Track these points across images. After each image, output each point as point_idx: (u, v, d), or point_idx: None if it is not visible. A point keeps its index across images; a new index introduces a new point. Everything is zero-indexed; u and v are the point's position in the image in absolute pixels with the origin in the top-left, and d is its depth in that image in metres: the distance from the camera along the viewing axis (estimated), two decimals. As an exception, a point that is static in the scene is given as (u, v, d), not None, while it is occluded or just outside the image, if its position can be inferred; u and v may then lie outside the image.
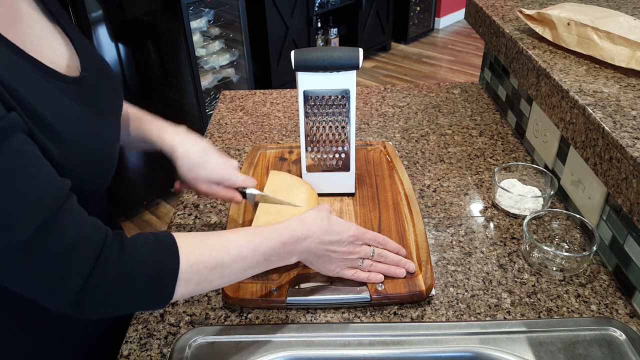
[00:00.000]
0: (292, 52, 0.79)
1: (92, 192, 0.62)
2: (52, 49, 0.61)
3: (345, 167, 0.90)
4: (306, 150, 0.88)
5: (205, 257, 0.58)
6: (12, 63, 0.51)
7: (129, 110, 0.80)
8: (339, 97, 0.82)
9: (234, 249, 0.60)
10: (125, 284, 0.52)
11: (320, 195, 0.91)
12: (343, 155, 0.89)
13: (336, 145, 0.88)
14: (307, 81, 0.81)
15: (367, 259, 0.73)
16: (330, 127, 0.86)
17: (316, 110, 0.84)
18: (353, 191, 0.92)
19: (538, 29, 0.96)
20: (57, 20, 0.64)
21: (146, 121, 0.80)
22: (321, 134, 0.87)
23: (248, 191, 0.80)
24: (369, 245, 0.73)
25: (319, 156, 0.89)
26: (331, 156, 0.89)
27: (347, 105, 0.83)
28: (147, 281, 0.53)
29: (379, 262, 0.74)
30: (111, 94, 0.69)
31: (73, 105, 0.58)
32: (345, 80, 0.81)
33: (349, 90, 0.82)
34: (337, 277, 0.73)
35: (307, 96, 0.82)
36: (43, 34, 0.60)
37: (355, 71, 0.80)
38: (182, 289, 0.56)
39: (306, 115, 0.84)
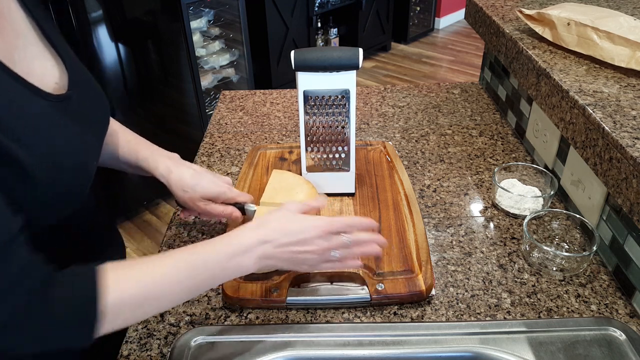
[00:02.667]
0: (292, 52, 0.79)
1: (69, 200, 0.62)
2: (41, 66, 0.62)
3: (345, 167, 0.89)
4: (306, 150, 0.88)
5: (131, 293, 0.55)
6: None
7: (120, 131, 0.82)
8: (339, 97, 0.82)
9: (166, 278, 0.57)
10: (44, 330, 0.51)
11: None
12: (343, 155, 0.88)
13: (336, 145, 0.88)
14: (307, 81, 0.81)
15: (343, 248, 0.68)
16: (330, 127, 0.86)
17: (316, 110, 0.84)
18: (353, 191, 0.92)
19: (538, 29, 0.96)
20: (49, 39, 0.65)
21: (141, 145, 0.82)
22: (321, 134, 0.87)
23: (246, 207, 0.81)
24: (344, 233, 0.68)
25: (319, 156, 0.89)
26: (331, 156, 0.89)
27: (347, 105, 0.83)
28: (65, 326, 0.52)
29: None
30: (96, 112, 0.70)
31: (54, 120, 0.58)
32: (345, 80, 0.81)
33: (349, 90, 0.81)
34: (335, 274, 0.73)
35: (307, 96, 0.82)
36: (33, 51, 0.62)
37: (355, 71, 0.80)
38: (110, 326, 0.54)
39: (306, 115, 0.84)
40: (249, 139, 1.17)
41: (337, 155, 0.89)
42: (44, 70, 0.62)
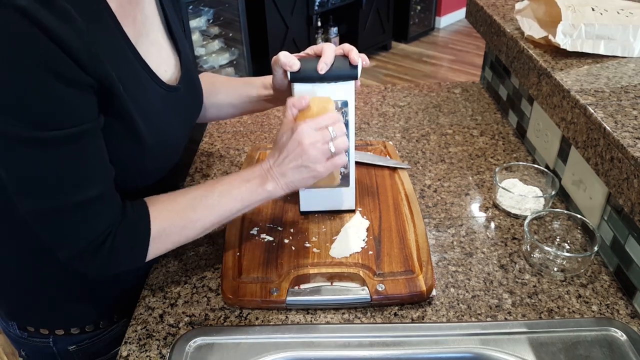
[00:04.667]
0: (288, 70, 0.74)
1: (162, 166, 0.74)
2: (158, 55, 0.72)
3: (345, 183, 0.84)
4: None
5: (174, 221, 0.66)
6: (129, 62, 0.64)
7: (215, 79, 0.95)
8: (337, 109, 0.78)
9: (201, 202, 0.68)
10: (110, 259, 0.63)
11: (318, 212, 0.87)
12: (342, 170, 0.83)
13: None
14: (304, 93, 0.76)
15: (330, 141, 0.69)
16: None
17: None
18: (353, 207, 0.88)
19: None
20: (172, 33, 0.76)
21: (235, 82, 0.93)
22: None
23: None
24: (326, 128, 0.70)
25: None
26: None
27: (345, 118, 0.78)
28: (125, 253, 0.65)
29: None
30: (193, 107, 0.83)
31: (161, 105, 0.69)
32: (344, 92, 0.76)
33: (347, 102, 0.77)
34: (335, 274, 0.73)
35: None
36: (155, 40, 0.72)
37: (353, 82, 0.76)
38: (159, 249, 0.67)
39: None
40: (249, 139, 1.16)
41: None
42: (159, 59, 0.71)
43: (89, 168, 0.59)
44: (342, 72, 0.74)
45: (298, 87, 0.76)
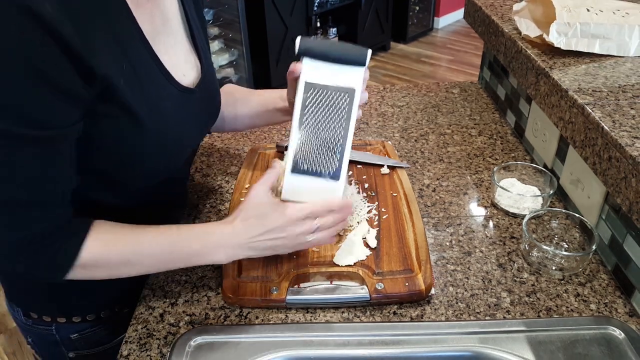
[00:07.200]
0: (298, 38, 0.73)
1: (166, 172, 0.73)
2: (176, 55, 0.70)
3: (335, 177, 0.77)
4: (295, 148, 0.76)
5: (112, 254, 0.64)
6: (140, 55, 0.62)
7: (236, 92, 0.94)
8: (342, 95, 0.75)
9: (145, 247, 0.66)
10: (30, 265, 0.62)
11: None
12: (336, 162, 0.77)
13: (329, 151, 0.77)
14: (311, 70, 0.73)
15: (312, 232, 0.69)
16: (327, 127, 0.77)
17: (317, 101, 0.75)
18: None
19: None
20: (192, 34, 0.75)
21: (253, 94, 0.93)
22: (315, 135, 0.77)
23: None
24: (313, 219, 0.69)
25: (307, 157, 0.77)
26: (322, 159, 0.78)
27: (348, 109, 0.75)
28: (43, 266, 0.63)
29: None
30: (208, 112, 0.81)
31: (172, 106, 0.68)
32: (351, 78, 0.74)
33: (354, 91, 0.74)
34: (335, 274, 0.73)
35: (308, 88, 0.74)
36: (174, 40, 0.71)
37: (362, 70, 0.74)
38: (89, 275, 0.65)
39: (303, 108, 0.75)
40: (249, 139, 1.17)
41: (328, 161, 0.78)
42: (178, 62, 0.70)
43: (42, 173, 0.57)
44: (351, 56, 0.73)
45: (307, 62, 0.73)
